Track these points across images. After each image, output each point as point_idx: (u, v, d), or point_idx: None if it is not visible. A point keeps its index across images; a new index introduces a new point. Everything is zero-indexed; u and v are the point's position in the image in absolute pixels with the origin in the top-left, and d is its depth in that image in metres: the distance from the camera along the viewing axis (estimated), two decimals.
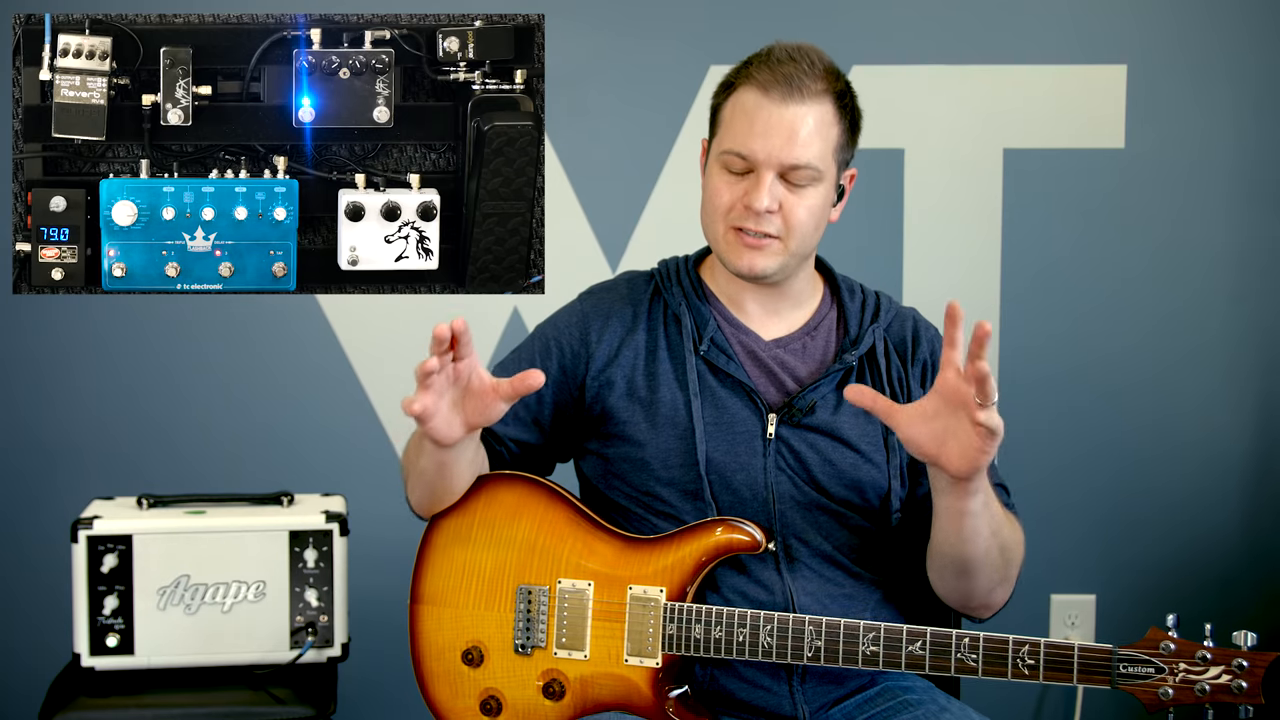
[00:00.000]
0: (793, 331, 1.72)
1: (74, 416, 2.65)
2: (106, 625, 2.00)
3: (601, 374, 1.71)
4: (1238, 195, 2.71)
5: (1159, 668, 1.44)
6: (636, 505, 1.70)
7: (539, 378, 1.48)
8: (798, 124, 1.60)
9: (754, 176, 1.62)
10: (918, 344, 1.73)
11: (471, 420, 1.53)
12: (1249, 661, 1.42)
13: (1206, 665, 1.43)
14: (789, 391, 1.68)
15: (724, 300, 1.74)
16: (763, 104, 1.61)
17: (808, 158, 1.60)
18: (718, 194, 1.65)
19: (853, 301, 1.75)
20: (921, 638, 1.51)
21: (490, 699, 1.65)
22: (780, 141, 1.60)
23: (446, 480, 1.65)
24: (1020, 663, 1.47)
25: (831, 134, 1.63)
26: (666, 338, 1.72)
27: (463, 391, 1.51)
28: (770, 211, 1.61)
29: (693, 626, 1.59)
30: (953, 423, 1.43)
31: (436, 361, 1.45)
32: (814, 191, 1.63)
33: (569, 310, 1.78)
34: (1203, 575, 2.75)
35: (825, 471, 1.66)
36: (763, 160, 1.60)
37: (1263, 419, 2.75)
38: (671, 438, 1.67)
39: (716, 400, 1.67)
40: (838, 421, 1.67)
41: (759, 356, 1.70)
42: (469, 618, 1.67)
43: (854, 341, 1.70)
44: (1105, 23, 2.68)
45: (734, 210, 1.64)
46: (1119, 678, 1.45)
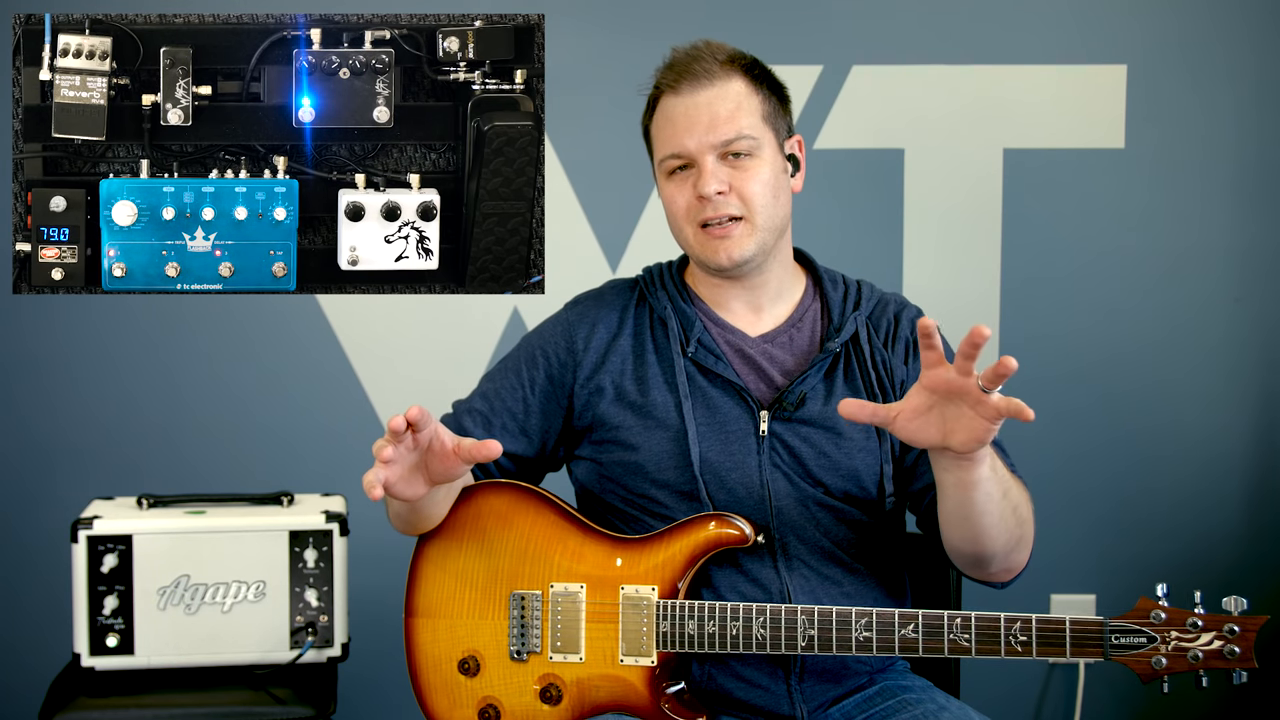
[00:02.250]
0: (778, 326, 1.73)
1: (74, 416, 2.65)
2: (106, 625, 2.00)
3: (590, 381, 1.72)
4: (1238, 195, 2.71)
5: (1151, 637, 1.44)
6: (632, 509, 1.70)
7: (496, 448, 1.47)
8: (715, 104, 1.65)
9: (696, 169, 1.65)
10: (898, 324, 1.73)
11: (435, 479, 1.53)
12: (1240, 626, 1.43)
13: (1198, 632, 1.44)
14: (778, 386, 1.69)
15: (708, 301, 1.75)
16: (677, 102, 1.66)
17: (736, 130, 1.64)
18: (673, 201, 1.69)
19: (835, 291, 1.76)
20: (913, 620, 1.51)
21: (488, 707, 1.65)
22: (704, 127, 1.64)
23: (422, 519, 1.66)
24: (1013, 640, 1.48)
25: (752, 104, 1.66)
26: (654, 341, 1.72)
27: (423, 454, 1.51)
28: (721, 193, 1.64)
29: (686, 623, 1.59)
30: (951, 410, 1.41)
31: (391, 451, 1.45)
32: (758, 162, 1.65)
33: (554, 320, 1.79)
34: (1203, 575, 2.74)
35: (820, 464, 1.66)
36: (695, 150, 1.64)
37: (1263, 419, 2.75)
38: (665, 440, 1.67)
39: (708, 401, 1.68)
40: (829, 412, 1.67)
41: (746, 353, 1.70)
42: (464, 627, 1.67)
43: (837, 330, 1.71)
44: (1105, 23, 2.68)
45: (692, 209, 1.66)
46: (1111, 649, 1.45)
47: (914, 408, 1.43)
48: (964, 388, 1.38)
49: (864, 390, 1.69)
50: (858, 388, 1.69)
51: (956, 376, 1.37)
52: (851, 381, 1.69)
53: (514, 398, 1.74)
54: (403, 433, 1.45)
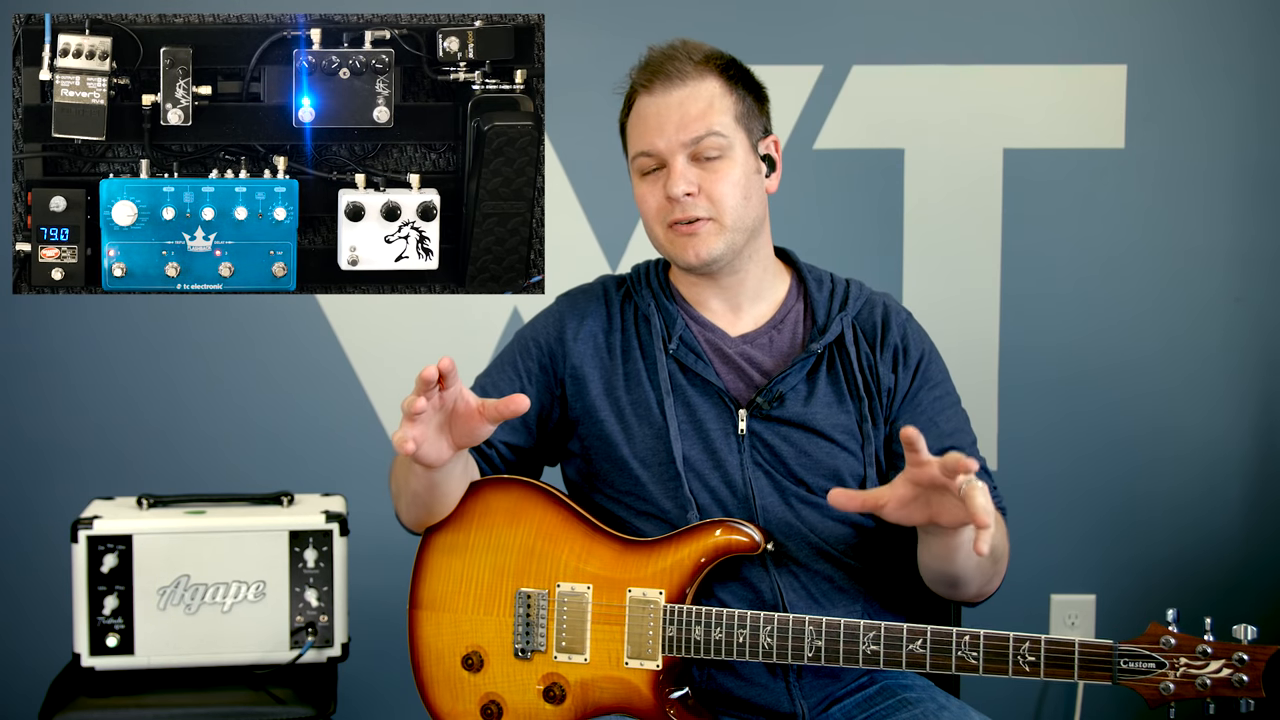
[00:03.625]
0: (759, 326, 1.73)
1: (74, 416, 2.65)
2: (106, 625, 2.00)
3: (579, 370, 1.73)
4: (1238, 195, 2.71)
5: (1160, 662, 1.44)
6: (619, 506, 1.70)
7: (524, 402, 1.47)
8: (686, 103, 1.65)
9: (667, 169, 1.66)
10: (887, 329, 1.73)
11: (459, 442, 1.53)
12: (1249, 655, 1.42)
13: (1207, 659, 1.43)
14: (757, 386, 1.69)
15: (689, 300, 1.75)
16: (650, 101, 1.67)
17: (704, 128, 1.64)
18: (644, 201, 1.69)
19: (820, 291, 1.75)
20: (922, 636, 1.51)
21: (491, 703, 1.65)
22: (674, 126, 1.64)
23: (439, 498, 1.65)
24: (1021, 660, 1.47)
25: (725, 104, 1.66)
26: (638, 338, 1.73)
27: (448, 415, 1.51)
28: (690, 194, 1.64)
29: (693, 628, 1.59)
30: (936, 496, 1.44)
31: (423, 402, 1.44)
32: (727, 164, 1.65)
33: (546, 312, 1.81)
34: (1203, 576, 2.75)
35: (801, 463, 1.66)
36: (664, 149, 1.65)
37: (1264, 420, 2.75)
38: (648, 436, 1.68)
39: (688, 400, 1.69)
40: (810, 412, 1.67)
41: (726, 353, 1.71)
42: (468, 623, 1.67)
43: (821, 330, 1.70)
44: (1105, 23, 2.68)
45: (662, 209, 1.67)
46: (1120, 673, 1.45)
47: (900, 498, 1.45)
48: (946, 486, 1.40)
49: (848, 393, 1.69)
50: (841, 390, 1.69)
51: (939, 475, 1.40)
52: (835, 383, 1.69)
53: (511, 389, 1.74)
54: (433, 384, 1.44)
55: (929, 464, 1.40)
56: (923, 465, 1.41)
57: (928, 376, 1.72)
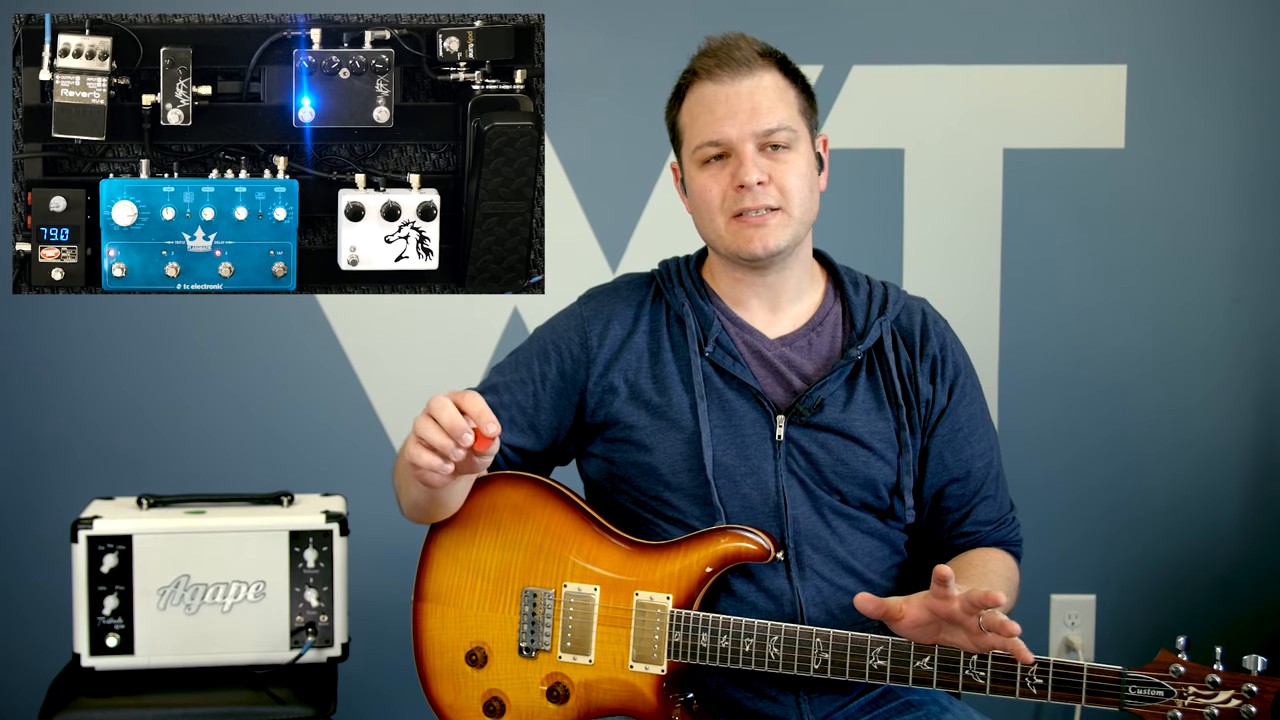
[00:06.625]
0: (797, 328, 1.70)
1: (74, 416, 2.65)
2: (106, 625, 2.00)
3: (604, 379, 1.69)
4: (1238, 195, 2.71)
5: (1168, 691, 1.43)
6: (644, 510, 1.68)
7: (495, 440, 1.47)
8: (756, 93, 1.63)
9: (735, 158, 1.63)
10: (926, 339, 1.71)
11: (461, 470, 1.53)
12: (1259, 686, 1.41)
13: (1216, 689, 1.42)
14: (796, 391, 1.66)
15: (726, 299, 1.72)
16: (717, 90, 1.64)
17: (777, 120, 1.62)
18: (706, 191, 1.65)
19: (857, 294, 1.73)
20: (930, 653, 1.49)
21: (493, 700, 1.65)
22: (746, 115, 1.62)
23: (439, 508, 1.66)
24: (1029, 682, 1.46)
25: (789, 96, 1.65)
26: (670, 339, 1.70)
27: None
28: (762, 183, 1.62)
29: (699, 635, 1.58)
30: (949, 627, 1.46)
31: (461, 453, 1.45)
32: (796, 155, 1.64)
33: (567, 314, 1.76)
34: (1203, 575, 2.75)
35: (838, 471, 1.64)
36: (736, 138, 1.62)
37: (1263, 419, 2.75)
38: (679, 442, 1.65)
39: (724, 403, 1.66)
40: (848, 419, 1.65)
41: (765, 356, 1.68)
42: (473, 618, 1.66)
43: (860, 335, 1.68)
44: (1105, 23, 2.68)
45: (727, 199, 1.64)
46: (1127, 699, 1.43)
47: (914, 620, 1.46)
48: (966, 623, 1.42)
49: (886, 400, 1.67)
50: (880, 397, 1.67)
51: (959, 612, 1.41)
52: (875, 390, 1.67)
53: (524, 392, 1.72)
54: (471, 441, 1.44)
55: (953, 599, 1.41)
56: (948, 599, 1.42)
57: (965, 391, 1.71)
